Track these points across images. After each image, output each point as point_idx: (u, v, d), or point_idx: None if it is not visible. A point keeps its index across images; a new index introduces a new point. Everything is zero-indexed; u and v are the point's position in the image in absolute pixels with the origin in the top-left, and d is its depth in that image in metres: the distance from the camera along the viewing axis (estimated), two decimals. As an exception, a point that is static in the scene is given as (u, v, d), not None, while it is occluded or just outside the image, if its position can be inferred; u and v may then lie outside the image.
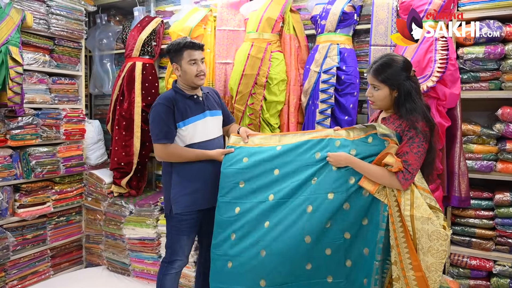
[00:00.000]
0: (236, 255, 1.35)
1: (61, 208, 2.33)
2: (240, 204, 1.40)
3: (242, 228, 1.37)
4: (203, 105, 1.54)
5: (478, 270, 1.72)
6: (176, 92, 1.52)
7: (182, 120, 1.48)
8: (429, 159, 1.22)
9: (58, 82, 2.31)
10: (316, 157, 1.35)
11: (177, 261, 1.54)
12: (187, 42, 1.48)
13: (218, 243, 1.40)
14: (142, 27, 2.28)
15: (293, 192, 1.34)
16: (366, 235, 1.25)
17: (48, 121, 2.21)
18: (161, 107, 1.47)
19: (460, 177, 1.68)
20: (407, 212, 1.17)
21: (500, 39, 1.66)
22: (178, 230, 1.52)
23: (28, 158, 2.13)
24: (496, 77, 1.70)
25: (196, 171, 1.50)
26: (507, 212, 1.67)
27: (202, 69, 1.49)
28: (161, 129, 1.46)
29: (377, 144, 1.25)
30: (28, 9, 2.12)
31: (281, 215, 1.34)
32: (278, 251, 1.30)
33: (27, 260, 2.16)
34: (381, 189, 1.23)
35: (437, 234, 1.15)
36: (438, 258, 1.16)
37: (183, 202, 1.50)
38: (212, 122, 1.57)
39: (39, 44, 2.20)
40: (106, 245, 2.37)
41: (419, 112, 1.18)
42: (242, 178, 1.42)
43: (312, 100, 1.87)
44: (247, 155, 1.45)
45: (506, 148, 1.67)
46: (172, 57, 1.52)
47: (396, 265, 1.21)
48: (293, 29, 1.95)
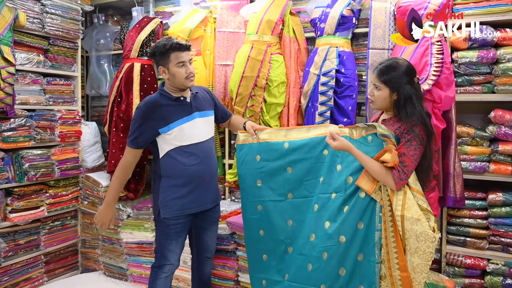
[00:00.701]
0: (270, 249, 1.47)
1: (56, 212, 2.27)
2: (261, 202, 1.48)
3: (268, 224, 1.47)
4: (191, 106, 1.49)
5: (473, 268, 1.76)
6: (162, 95, 1.47)
7: (166, 124, 1.42)
8: (424, 165, 1.25)
9: (53, 82, 2.26)
10: (324, 154, 1.40)
11: (166, 266, 1.51)
12: (174, 43, 1.41)
13: (249, 238, 1.52)
14: (141, 28, 2.26)
15: (309, 191, 1.42)
16: (361, 240, 1.26)
17: (43, 122, 2.16)
18: (139, 112, 1.44)
19: (455, 178, 1.72)
20: (398, 212, 1.20)
21: (492, 44, 1.72)
22: (166, 234, 1.48)
23: (21, 161, 2.07)
24: (488, 80, 1.75)
25: (185, 176, 1.46)
26: (499, 211, 1.72)
27: (191, 71, 1.44)
28: (133, 132, 1.44)
29: (376, 144, 1.28)
30: (22, 7, 2.07)
31: (301, 213, 1.42)
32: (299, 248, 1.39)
33: (19, 267, 2.10)
34: (378, 189, 1.25)
35: (425, 235, 1.16)
36: (424, 260, 1.17)
37: (172, 206, 1.46)
38: (202, 124, 1.51)
39: (33, 44, 2.15)
40: (103, 250, 2.33)
41: (417, 116, 1.21)
42: (259, 177, 1.49)
43: (311, 102, 1.89)
44: (258, 153, 1.50)
45: (498, 149, 1.73)
46: (158, 60, 1.45)
47: (384, 263, 1.23)
48: (293, 32, 1.97)
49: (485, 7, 1.71)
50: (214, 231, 1.64)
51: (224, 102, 2.12)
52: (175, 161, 1.45)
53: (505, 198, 1.71)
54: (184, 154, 1.45)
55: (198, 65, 2.14)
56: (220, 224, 1.90)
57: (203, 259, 1.63)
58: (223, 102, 2.12)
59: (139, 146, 1.46)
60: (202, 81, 2.16)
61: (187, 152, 1.45)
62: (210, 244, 1.63)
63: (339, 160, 1.36)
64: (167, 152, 1.45)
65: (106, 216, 1.47)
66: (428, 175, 1.29)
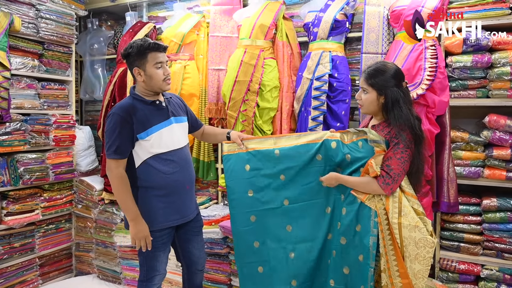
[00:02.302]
0: (266, 260, 1.41)
1: (50, 216, 2.28)
2: (255, 212, 1.43)
3: (264, 234, 1.42)
4: (167, 111, 1.40)
5: (467, 274, 1.75)
6: (135, 99, 1.36)
7: (144, 129, 1.32)
8: (413, 169, 1.24)
9: (48, 87, 2.27)
10: (318, 159, 1.39)
11: (156, 277, 1.44)
12: (151, 43, 1.32)
13: (241, 252, 1.43)
14: (134, 32, 2.26)
15: (308, 195, 1.40)
16: (360, 242, 1.28)
17: (37, 127, 2.17)
18: (116, 118, 1.30)
19: (449, 183, 1.71)
20: (395, 219, 1.20)
21: (487, 49, 1.71)
22: (154, 247, 1.38)
23: (16, 165, 2.08)
24: (483, 85, 1.74)
25: (166, 185, 1.37)
26: (494, 217, 1.70)
27: (168, 72, 1.36)
28: (114, 142, 1.30)
29: (366, 150, 1.30)
30: (17, 13, 2.08)
31: (301, 218, 1.40)
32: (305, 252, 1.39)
33: (14, 269, 2.11)
34: (372, 197, 1.26)
35: (424, 241, 1.17)
36: (425, 265, 1.18)
37: (156, 218, 1.36)
38: (178, 130, 1.43)
39: (27, 49, 2.16)
40: (96, 253, 2.34)
41: (404, 120, 1.21)
42: (249, 187, 1.43)
43: (304, 107, 1.89)
44: (247, 162, 1.45)
45: (493, 154, 1.71)
46: (132, 61, 1.34)
47: (385, 272, 1.24)
48: (286, 36, 1.97)
49: (480, 11, 1.70)
50: (200, 241, 1.55)
51: (217, 107, 2.12)
52: (154, 170, 1.35)
53: (500, 204, 1.69)
54: (164, 162, 1.36)
55: (191, 69, 2.14)
56: (213, 228, 1.90)
57: (193, 272, 1.56)
58: (216, 107, 2.12)
59: (124, 155, 1.33)
60: (195, 86, 2.16)
61: (167, 160, 1.37)
62: (199, 256, 1.54)
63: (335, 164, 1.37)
64: (145, 161, 1.35)
65: (142, 231, 1.33)
66: (418, 179, 1.28)
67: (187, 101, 2.05)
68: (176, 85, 2.09)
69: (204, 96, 2.18)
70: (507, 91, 1.69)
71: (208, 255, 1.84)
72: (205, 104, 2.17)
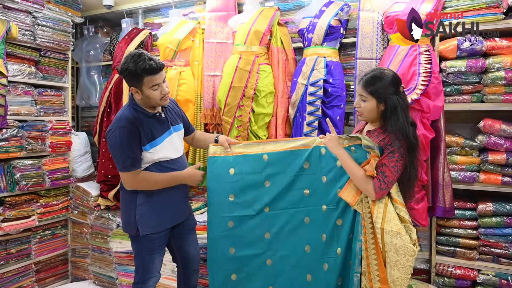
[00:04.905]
0: (240, 268, 1.38)
1: (47, 222, 2.28)
2: (233, 217, 1.39)
3: (241, 241, 1.39)
4: (167, 121, 1.43)
5: (463, 279, 1.75)
6: (137, 111, 1.36)
7: (149, 142, 1.35)
8: (405, 177, 1.24)
9: (44, 93, 2.28)
10: (305, 167, 1.37)
11: (151, 279, 1.47)
12: (146, 67, 1.26)
13: (215, 258, 1.41)
14: (130, 39, 2.27)
15: (288, 203, 1.38)
16: (350, 249, 1.28)
17: (34, 133, 2.18)
18: (124, 131, 1.29)
19: (444, 188, 1.70)
20: (378, 225, 1.20)
21: (481, 53, 1.71)
22: (150, 250, 1.43)
23: (13, 171, 2.09)
24: (478, 90, 1.74)
25: (165, 191, 1.40)
26: (489, 222, 1.70)
27: (166, 92, 1.35)
28: (128, 156, 1.31)
29: (359, 156, 1.28)
30: (14, 20, 2.09)
31: (280, 226, 1.38)
32: (283, 259, 1.37)
33: (10, 275, 2.11)
34: (360, 201, 1.26)
35: (404, 249, 1.16)
36: (404, 273, 1.17)
37: (151, 222, 1.40)
38: (177, 138, 1.47)
39: (24, 55, 2.17)
40: (92, 259, 2.33)
41: (399, 128, 1.20)
42: (231, 191, 1.40)
43: (299, 112, 1.89)
44: (232, 166, 1.43)
45: (488, 159, 1.71)
46: (128, 81, 1.33)
47: (365, 276, 1.23)
48: (281, 42, 1.97)
49: (474, 16, 1.70)
50: (194, 239, 1.60)
51: (212, 113, 2.13)
52: None
53: (495, 208, 1.69)
54: (164, 169, 1.41)
55: (186, 75, 2.15)
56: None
57: (190, 272, 1.60)
58: (212, 113, 2.13)
59: (140, 165, 1.35)
60: (190, 92, 2.16)
61: (168, 168, 1.42)
62: (194, 254, 1.59)
63: (324, 171, 1.36)
64: (146, 168, 1.40)
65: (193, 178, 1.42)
66: (409, 188, 1.27)
67: (183, 107, 2.07)
68: (172, 91, 2.09)
69: (199, 102, 2.19)
70: (501, 95, 1.69)
71: (203, 260, 1.83)
72: (200, 110, 2.18)
